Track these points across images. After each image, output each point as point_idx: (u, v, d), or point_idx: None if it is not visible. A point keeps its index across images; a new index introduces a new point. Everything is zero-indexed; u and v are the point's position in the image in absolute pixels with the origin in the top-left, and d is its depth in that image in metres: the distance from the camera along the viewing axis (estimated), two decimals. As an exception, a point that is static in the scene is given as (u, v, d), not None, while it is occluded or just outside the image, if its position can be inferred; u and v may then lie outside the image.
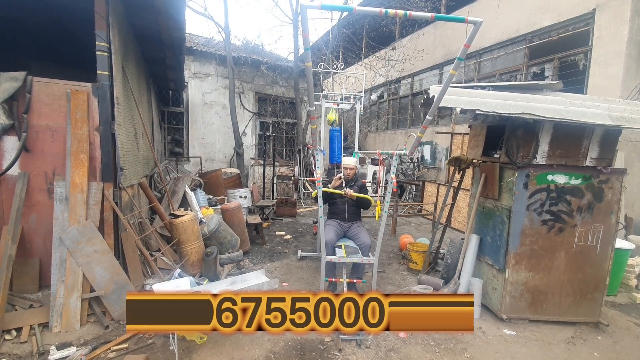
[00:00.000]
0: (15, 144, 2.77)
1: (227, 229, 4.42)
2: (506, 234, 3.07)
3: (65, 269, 2.73)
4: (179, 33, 4.39)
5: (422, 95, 8.81)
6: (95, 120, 2.94)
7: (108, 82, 2.95)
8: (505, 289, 3.10)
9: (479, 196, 3.43)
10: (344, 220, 3.72)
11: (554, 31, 6.63)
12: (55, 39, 4.80)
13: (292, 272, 4.22)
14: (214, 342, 2.58)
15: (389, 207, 3.31)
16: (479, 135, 3.61)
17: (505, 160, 3.09)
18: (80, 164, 2.87)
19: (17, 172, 2.79)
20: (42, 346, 2.42)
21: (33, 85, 2.76)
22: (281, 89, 9.59)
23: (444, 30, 8.76)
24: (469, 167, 3.78)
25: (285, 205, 7.30)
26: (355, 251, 3.27)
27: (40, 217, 2.89)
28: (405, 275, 4.30)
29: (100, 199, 2.97)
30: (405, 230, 6.59)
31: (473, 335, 2.91)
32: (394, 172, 2.94)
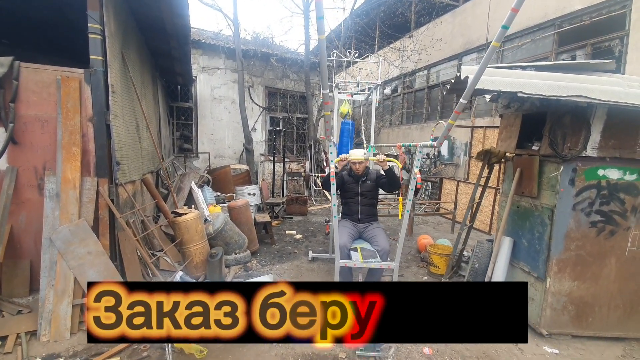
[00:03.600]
0: (1, 135, 2.54)
1: (233, 228, 4.15)
2: (547, 237, 2.68)
3: (55, 272, 2.49)
4: (183, 20, 4.12)
5: (444, 81, 8.28)
6: (88, 110, 2.69)
7: (102, 68, 2.70)
8: (546, 301, 2.71)
9: (512, 194, 3.04)
10: (357, 221, 3.37)
11: (586, 15, 6.09)
12: (48, 27, 4.59)
13: (303, 275, 3.92)
14: (214, 356, 2.30)
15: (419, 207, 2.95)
16: (512, 126, 3.21)
17: (547, 152, 2.69)
18: (72, 157, 2.63)
19: (5, 167, 2.57)
20: (28, 358, 2.19)
21: (20, 71, 2.53)
22: (291, 82, 9.28)
23: (464, 18, 8.26)
24: (499, 162, 3.38)
25: (296, 202, 7.01)
26: (373, 255, 2.94)
27: (31, 215, 2.67)
28: (426, 279, 3.94)
29: (95, 195, 2.73)
30: (423, 230, 6.20)
31: (509, 354, 2.54)
32: (418, 167, 2.59)
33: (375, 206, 3.44)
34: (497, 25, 7.33)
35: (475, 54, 8.01)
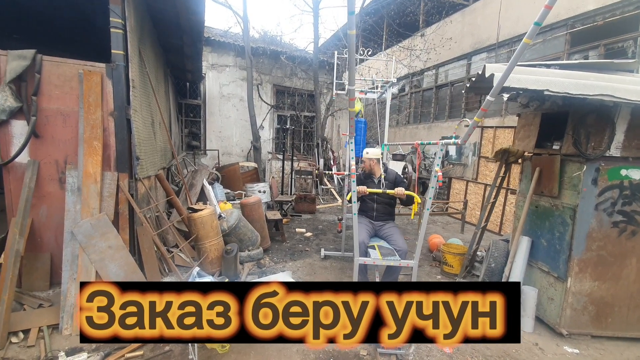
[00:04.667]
0: (24, 128, 2.54)
1: (247, 225, 4.15)
2: (569, 237, 2.66)
3: (77, 266, 2.50)
4: (197, 16, 4.12)
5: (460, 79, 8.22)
6: (110, 104, 2.69)
7: (123, 62, 2.70)
8: (566, 300, 2.70)
9: (531, 193, 3.02)
10: (373, 218, 3.37)
11: (599, 15, 6.05)
12: (67, 23, 4.59)
13: (317, 273, 3.91)
14: (237, 352, 2.30)
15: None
16: (531, 125, 3.20)
17: (569, 151, 2.67)
18: (94, 152, 2.63)
19: (27, 160, 2.57)
20: (51, 351, 2.19)
21: (43, 64, 2.53)
22: (300, 81, 9.27)
23: (474, 18, 8.22)
24: (516, 161, 3.37)
25: (304, 201, 7.00)
26: (391, 253, 2.93)
27: (52, 209, 2.67)
28: (439, 279, 3.93)
29: (115, 190, 2.73)
30: (432, 229, 6.19)
31: (530, 353, 2.53)
32: (439, 165, 2.57)
33: (392, 206, 3.42)
34: (508, 25, 7.30)
35: (485, 54, 7.98)
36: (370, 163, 3.29)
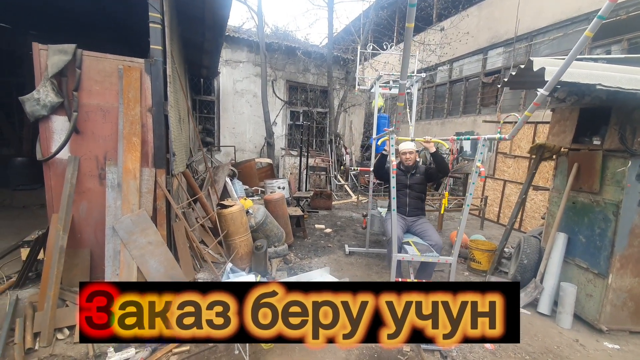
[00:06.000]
0: (64, 124, 2.54)
1: (273, 221, 4.15)
2: (611, 234, 2.63)
3: (119, 262, 2.51)
4: (224, 11, 4.08)
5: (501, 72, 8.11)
6: (148, 100, 2.68)
7: (161, 57, 2.68)
8: (607, 297, 2.68)
9: (569, 189, 2.99)
10: (406, 214, 3.35)
11: (623, 9, 5.95)
12: (97, 19, 4.57)
13: (344, 269, 3.91)
14: (282, 348, 2.31)
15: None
16: (567, 120, 3.16)
17: (613, 147, 2.64)
18: (133, 148, 2.63)
19: (67, 156, 2.56)
20: (99, 347, 2.21)
21: (83, 60, 2.52)
22: (312, 76, 9.21)
23: (491, 11, 8.11)
24: (551, 157, 3.33)
25: (320, 197, 6.99)
26: (428, 249, 2.92)
27: (91, 205, 2.67)
28: (467, 275, 3.92)
29: (153, 186, 2.73)
30: (450, 226, 6.17)
31: (572, 349, 2.52)
32: (481, 160, 2.55)
33: (423, 200, 3.42)
34: (527, 19, 7.20)
35: (502, 48, 7.88)
36: (411, 156, 3.29)
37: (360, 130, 10.46)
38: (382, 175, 3.37)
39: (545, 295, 3.00)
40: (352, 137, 10.21)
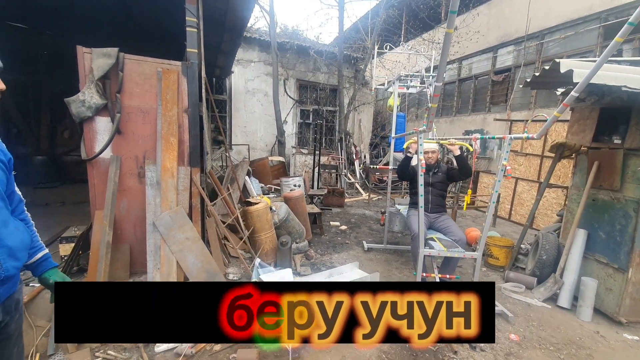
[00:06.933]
0: (107, 125, 2.65)
1: (294, 218, 4.26)
2: (632, 230, 2.73)
3: (159, 256, 2.62)
4: (245, 13, 4.17)
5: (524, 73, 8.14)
6: (184, 101, 2.79)
7: (197, 60, 2.78)
8: (626, 290, 2.78)
9: (589, 187, 3.09)
10: (428, 211, 3.46)
11: (634, 9, 5.97)
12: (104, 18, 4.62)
13: (364, 265, 4.01)
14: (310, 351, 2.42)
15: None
16: (587, 119, 3.24)
17: (634, 145, 2.73)
18: (170, 147, 2.74)
19: (109, 155, 2.68)
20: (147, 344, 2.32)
21: (125, 63, 2.62)
22: (323, 75, 9.29)
23: (501, 10, 8.16)
24: (571, 156, 3.42)
25: (333, 195, 7.10)
26: (452, 245, 3.02)
27: (131, 202, 2.79)
28: (485, 271, 4.02)
29: (189, 184, 2.84)
30: (462, 223, 6.27)
31: (593, 341, 2.62)
32: (507, 159, 2.65)
33: (444, 198, 3.52)
34: (538, 17, 7.24)
35: (512, 47, 7.93)
36: (433, 155, 3.40)
37: (369, 128, 10.54)
38: (406, 176, 3.48)
39: (565, 289, 3.10)
40: (361, 135, 10.30)
